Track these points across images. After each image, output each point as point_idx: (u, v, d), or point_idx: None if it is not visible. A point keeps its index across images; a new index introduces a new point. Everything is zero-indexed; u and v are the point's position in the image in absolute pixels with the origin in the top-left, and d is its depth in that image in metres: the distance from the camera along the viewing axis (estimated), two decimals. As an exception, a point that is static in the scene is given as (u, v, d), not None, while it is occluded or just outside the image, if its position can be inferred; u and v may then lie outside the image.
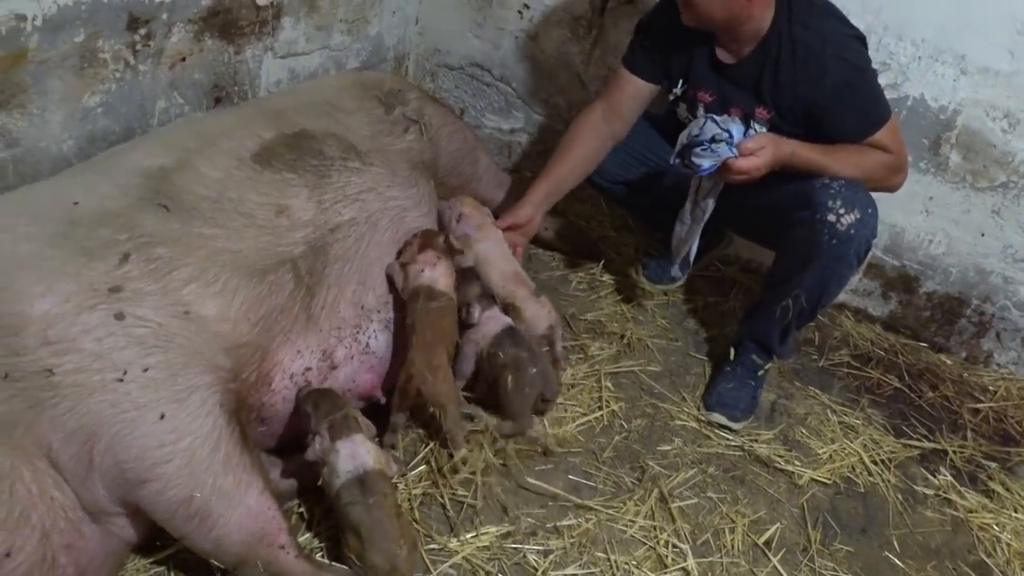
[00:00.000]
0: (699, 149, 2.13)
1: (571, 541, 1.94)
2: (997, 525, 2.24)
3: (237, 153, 1.97)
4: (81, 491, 1.53)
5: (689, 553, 1.97)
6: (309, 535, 1.86)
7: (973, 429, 2.58)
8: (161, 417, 1.54)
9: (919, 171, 2.74)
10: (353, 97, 2.39)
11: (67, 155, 2.13)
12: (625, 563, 1.92)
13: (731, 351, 2.51)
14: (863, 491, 2.27)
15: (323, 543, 1.85)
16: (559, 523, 1.99)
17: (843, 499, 2.24)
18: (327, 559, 1.80)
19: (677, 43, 2.39)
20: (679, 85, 2.47)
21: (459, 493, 2.00)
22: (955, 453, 2.46)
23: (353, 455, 1.77)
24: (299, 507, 1.92)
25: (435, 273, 2.12)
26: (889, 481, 2.31)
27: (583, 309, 2.75)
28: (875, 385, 2.69)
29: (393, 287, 2.15)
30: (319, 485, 1.79)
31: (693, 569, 1.93)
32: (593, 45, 3.18)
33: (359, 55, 3.13)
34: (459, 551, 1.86)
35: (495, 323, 2.18)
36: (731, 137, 2.12)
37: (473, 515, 1.97)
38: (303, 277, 1.94)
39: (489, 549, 1.89)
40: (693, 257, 2.43)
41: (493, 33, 3.32)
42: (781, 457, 2.31)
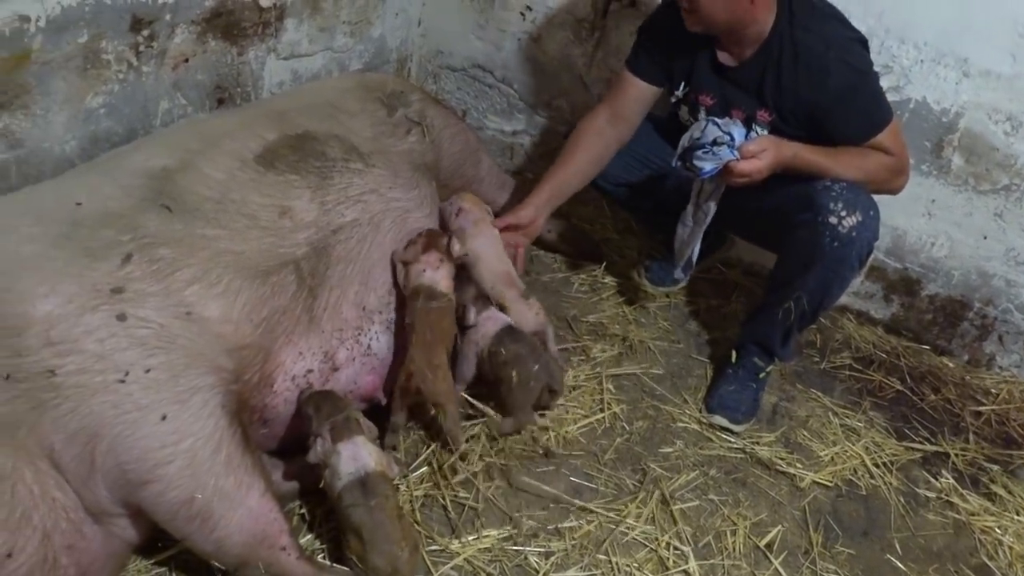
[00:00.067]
0: (701, 152, 2.13)
1: (572, 543, 1.94)
2: (999, 528, 2.24)
3: (240, 154, 1.97)
4: (83, 492, 1.54)
5: (690, 555, 1.97)
6: (310, 536, 1.86)
7: (975, 432, 2.58)
8: (163, 418, 1.55)
9: (921, 174, 2.74)
10: (356, 99, 2.40)
11: (70, 156, 2.13)
12: (626, 565, 1.92)
13: (733, 353, 2.51)
14: (865, 494, 2.27)
15: (324, 545, 1.85)
16: (560, 525, 1.99)
17: (845, 502, 2.24)
18: (328, 561, 1.80)
19: (679, 46, 2.39)
20: (681, 88, 2.47)
21: (461, 495, 2.00)
22: (957, 456, 2.46)
23: (355, 457, 1.77)
24: (300, 508, 1.92)
25: (437, 275, 2.13)
26: (891, 484, 2.31)
27: (585, 311, 2.75)
28: (877, 388, 2.69)
29: (396, 283, 2.15)
30: (321, 487, 1.79)
31: (694, 571, 1.93)
32: (595, 47, 3.18)
33: (362, 57, 3.13)
34: (460, 553, 1.86)
35: (493, 323, 2.18)
36: (732, 140, 2.11)
37: (474, 517, 1.97)
38: (306, 278, 1.94)
39: (490, 551, 1.89)
40: (695, 259, 2.43)
41: (495, 35, 3.32)
42: (783, 459, 2.30)
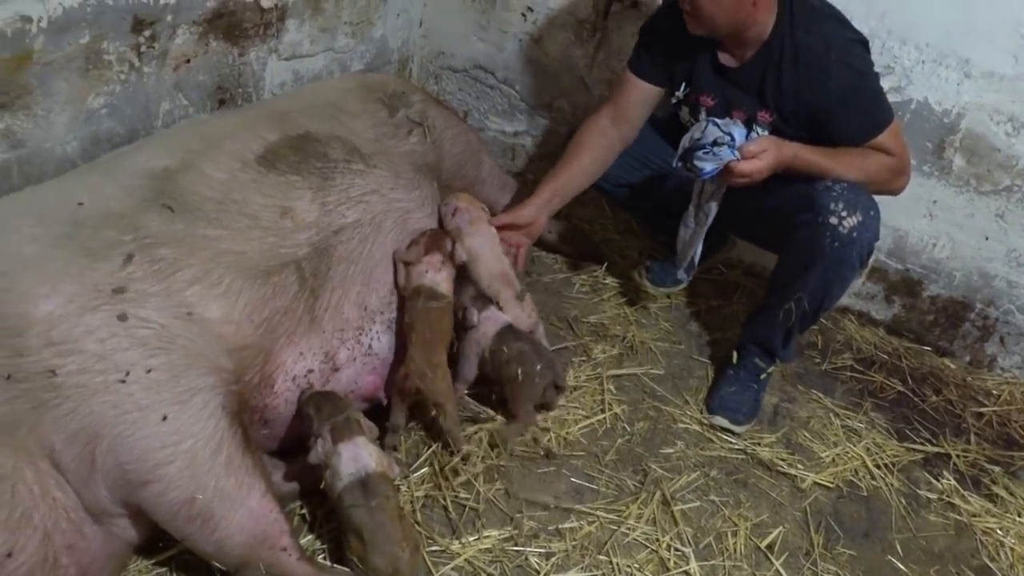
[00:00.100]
0: (701, 152, 2.13)
1: (573, 544, 1.94)
2: (1000, 529, 2.24)
3: (241, 155, 1.98)
4: (83, 492, 1.54)
5: (691, 556, 1.96)
6: (311, 537, 1.86)
7: (976, 433, 2.57)
8: (163, 419, 1.55)
9: (923, 175, 2.73)
10: (357, 99, 2.40)
11: (72, 156, 2.14)
12: (627, 566, 1.91)
13: (734, 354, 2.51)
14: (866, 495, 2.27)
15: (325, 545, 1.85)
16: (561, 526, 1.99)
17: (846, 503, 2.24)
18: (329, 561, 1.80)
19: (679, 47, 2.39)
20: (681, 89, 2.46)
21: (461, 496, 2.00)
22: (958, 457, 2.45)
23: (355, 458, 1.77)
24: (301, 509, 1.92)
25: (439, 276, 2.14)
26: (892, 485, 2.31)
27: (586, 312, 2.75)
28: (878, 389, 2.68)
29: (397, 283, 2.16)
30: (321, 487, 1.79)
31: (695, 572, 1.93)
32: (597, 48, 3.18)
33: (363, 57, 3.13)
34: (461, 553, 1.86)
35: (494, 322, 2.19)
36: (733, 140, 2.11)
37: (475, 517, 1.97)
38: (307, 279, 1.94)
39: (491, 551, 1.89)
40: (698, 260, 2.43)
41: (497, 36, 3.33)
42: (784, 460, 2.30)
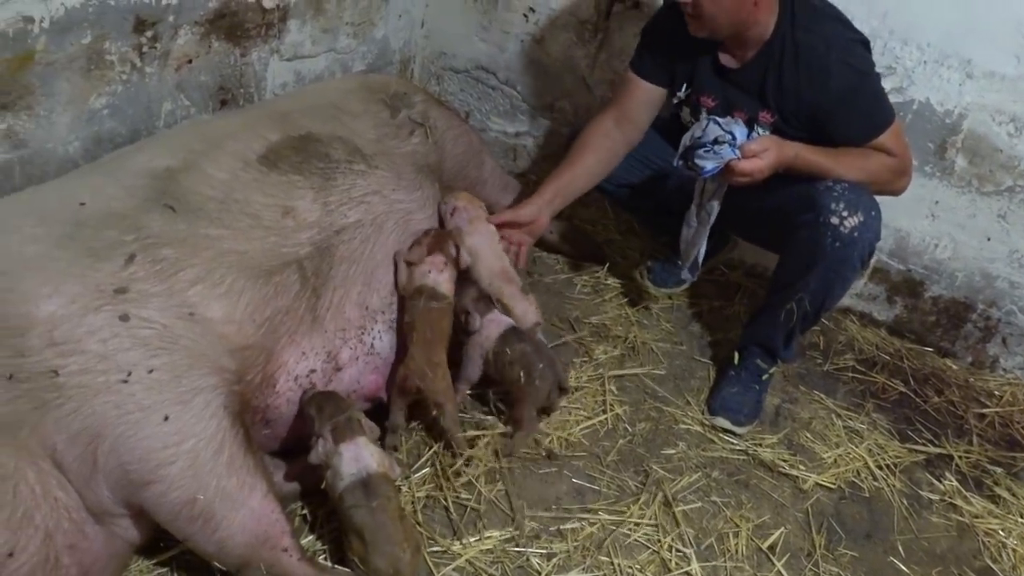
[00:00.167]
0: (702, 151, 2.12)
1: (574, 545, 1.94)
2: (1003, 530, 2.23)
3: (243, 155, 1.98)
4: (85, 492, 1.54)
5: (693, 557, 1.96)
6: (312, 537, 1.86)
7: (979, 434, 2.57)
8: (165, 419, 1.55)
9: (925, 175, 2.73)
10: (359, 100, 2.40)
11: (73, 156, 2.14)
12: (628, 567, 1.91)
13: (735, 355, 2.50)
14: (868, 496, 2.27)
15: (326, 546, 1.85)
16: (562, 527, 1.99)
17: (848, 504, 2.24)
18: (330, 562, 1.80)
19: (680, 47, 2.38)
20: (683, 89, 2.46)
21: (462, 496, 2.00)
22: (961, 458, 2.45)
23: (357, 458, 1.77)
24: (302, 509, 1.92)
25: (441, 277, 2.14)
26: (894, 486, 2.30)
27: (587, 312, 2.74)
28: (880, 390, 2.68)
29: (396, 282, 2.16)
30: (322, 488, 1.79)
31: (697, 573, 1.93)
32: (598, 49, 3.18)
33: (365, 58, 3.14)
34: (462, 554, 1.86)
35: (497, 325, 2.18)
36: (734, 139, 2.11)
37: (476, 518, 1.97)
38: (309, 278, 1.94)
39: (492, 552, 1.89)
40: (702, 260, 2.42)
41: (499, 36, 3.33)
42: (785, 462, 2.30)
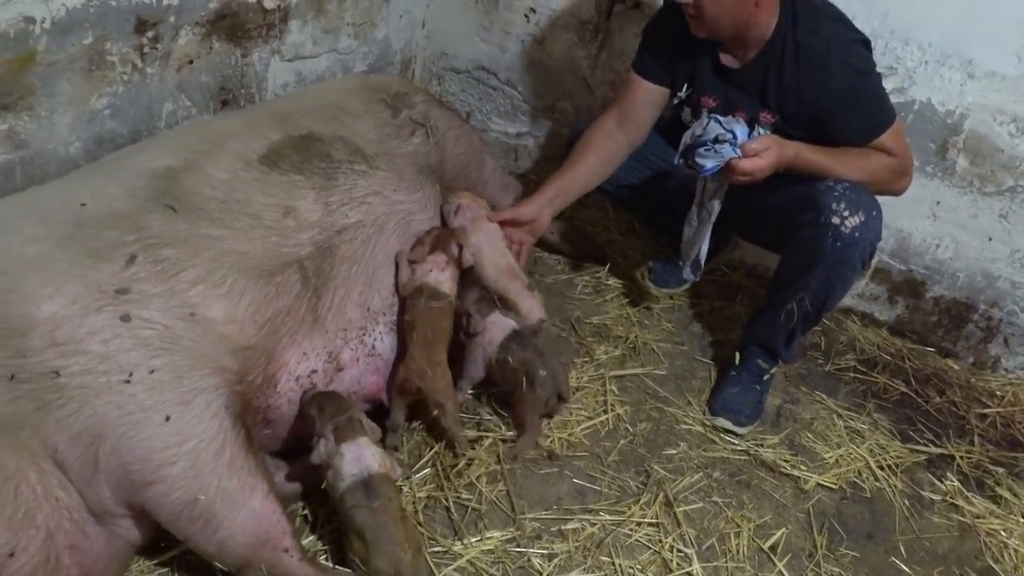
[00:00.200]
0: (702, 149, 2.12)
1: (576, 545, 1.94)
2: (1004, 531, 2.23)
3: (244, 155, 1.98)
4: (86, 492, 1.54)
5: (694, 558, 1.96)
6: (313, 538, 1.86)
7: (980, 434, 2.57)
8: (166, 419, 1.55)
9: (926, 175, 2.73)
10: (360, 100, 2.40)
11: (75, 157, 2.14)
12: (630, 567, 1.91)
13: (736, 355, 2.50)
14: (869, 496, 2.26)
15: (327, 546, 1.85)
16: (564, 527, 1.99)
17: (849, 504, 2.23)
18: (331, 562, 1.80)
19: (681, 48, 2.38)
20: (684, 89, 2.46)
21: (463, 496, 2.00)
22: (962, 458, 2.45)
23: (358, 458, 1.77)
24: (303, 509, 1.92)
25: (442, 276, 2.14)
26: (896, 486, 2.30)
27: (588, 313, 2.74)
28: (881, 390, 2.68)
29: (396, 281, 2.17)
30: (323, 488, 1.79)
31: (698, 574, 1.93)
32: (599, 49, 3.18)
33: (366, 58, 3.14)
34: (463, 555, 1.86)
35: (500, 329, 2.18)
36: (735, 138, 2.11)
37: (477, 519, 1.97)
38: (310, 278, 1.94)
39: (493, 553, 1.89)
40: (704, 259, 2.42)
41: (499, 37, 3.33)
42: (787, 462, 2.30)
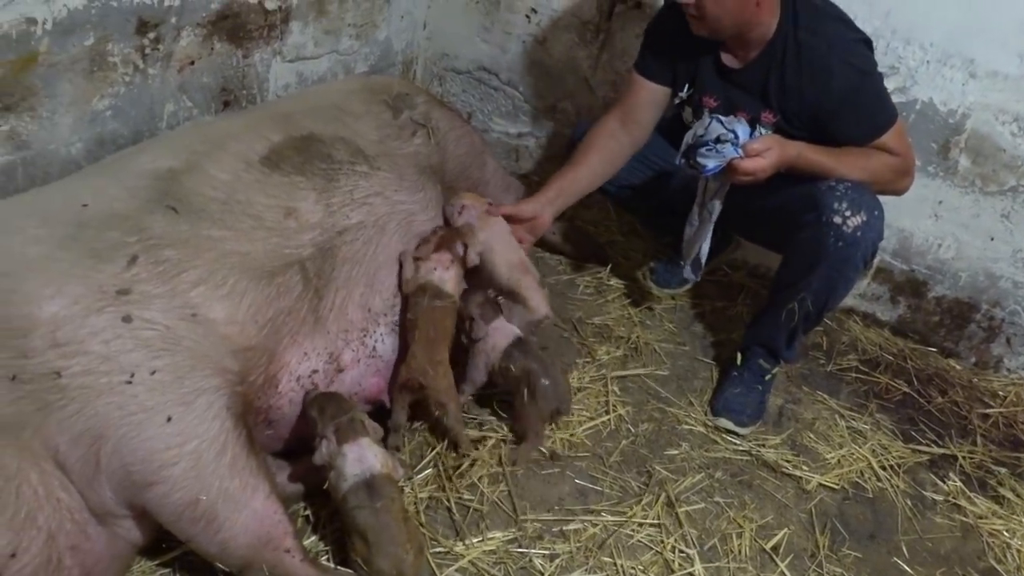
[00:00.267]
0: (704, 149, 2.12)
1: (577, 546, 1.94)
2: (1007, 531, 2.23)
3: (245, 156, 1.97)
4: (88, 493, 1.54)
5: (696, 558, 1.96)
6: (315, 538, 1.86)
7: (983, 435, 2.56)
8: (168, 420, 1.55)
9: (928, 175, 2.73)
10: (361, 101, 2.40)
11: (76, 158, 2.14)
12: (631, 568, 1.91)
13: (738, 356, 2.50)
14: (872, 496, 2.26)
15: (329, 546, 1.84)
16: (565, 528, 1.99)
17: (851, 504, 2.23)
18: (333, 563, 1.80)
19: (683, 48, 2.38)
20: (685, 89, 2.46)
21: (465, 497, 2.00)
22: (965, 459, 2.45)
23: (360, 459, 1.77)
24: (305, 510, 1.92)
25: (446, 275, 2.14)
26: (898, 487, 2.30)
27: (590, 313, 2.74)
28: (884, 390, 2.68)
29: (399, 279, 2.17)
30: (326, 488, 1.79)
31: (700, 574, 1.92)
32: (601, 49, 3.18)
33: (367, 59, 3.14)
34: (465, 555, 1.86)
35: (503, 335, 2.17)
36: (736, 138, 2.11)
37: (479, 519, 1.97)
38: (311, 279, 1.94)
39: (495, 553, 1.89)
40: (704, 259, 2.42)
41: (501, 37, 3.33)
42: (789, 462, 2.30)
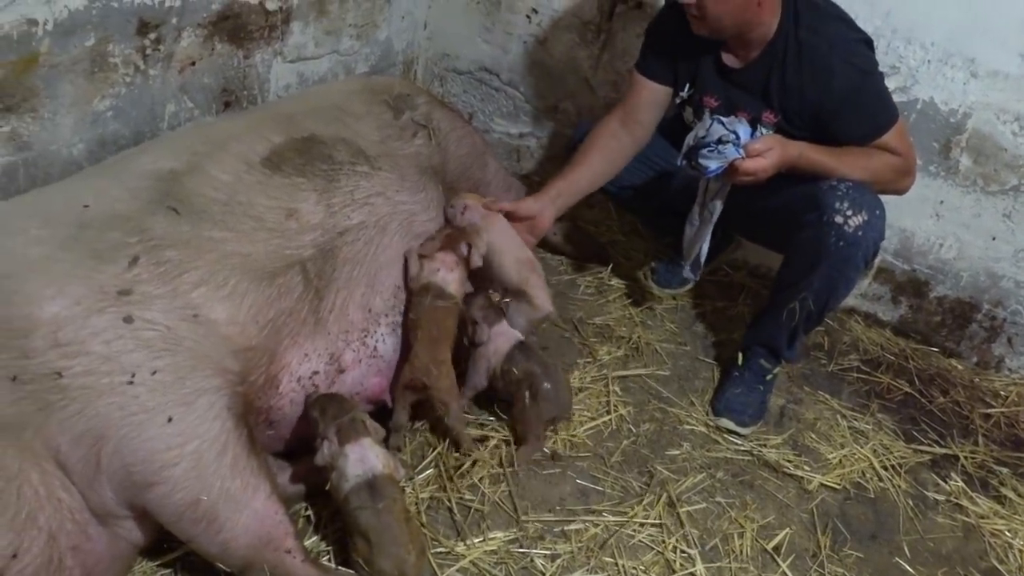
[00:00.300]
0: (706, 150, 2.12)
1: (579, 546, 1.94)
2: (1009, 531, 2.23)
3: (247, 157, 1.98)
4: (89, 493, 1.54)
5: (697, 558, 1.96)
6: (316, 538, 1.86)
7: (984, 434, 2.56)
8: (169, 420, 1.55)
9: (929, 175, 2.73)
10: (362, 102, 2.40)
11: (77, 159, 2.14)
12: (633, 568, 1.91)
13: (739, 356, 2.50)
14: (873, 497, 2.26)
15: (330, 546, 1.84)
16: (567, 528, 1.99)
17: (853, 505, 2.23)
18: (334, 563, 1.80)
19: (684, 47, 2.39)
20: (685, 89, 2.46)
21: (466, 497, 2.00)
22: (966, 459, 2.44)
23: (362, 459, 1.76)
24: (306, 510, 1.92)
25: (450, 276, 2.14)
26: (899, 487, 2.30)
27: (591, 313, 2.74)
28: (885, 390, 2.67)
29: (402, 286, 2.16)
30: (327, 489, 1.79)
31: (702, 574, 1.92)
32: (601, 49, 3.18)
33: (368, 59, 3.14)
34: (466, 555, 1.86)
35: (505, 339, 2.17)
36: (738, 138, 2.11)
37: (480, 519, 1.97)
38: (312, 280, 1.94)
39: (496, 553, 1.89)
40: (704, 259, 2.42)
41: (502, 37, 3.33)
42: (790, 462, 2.29)
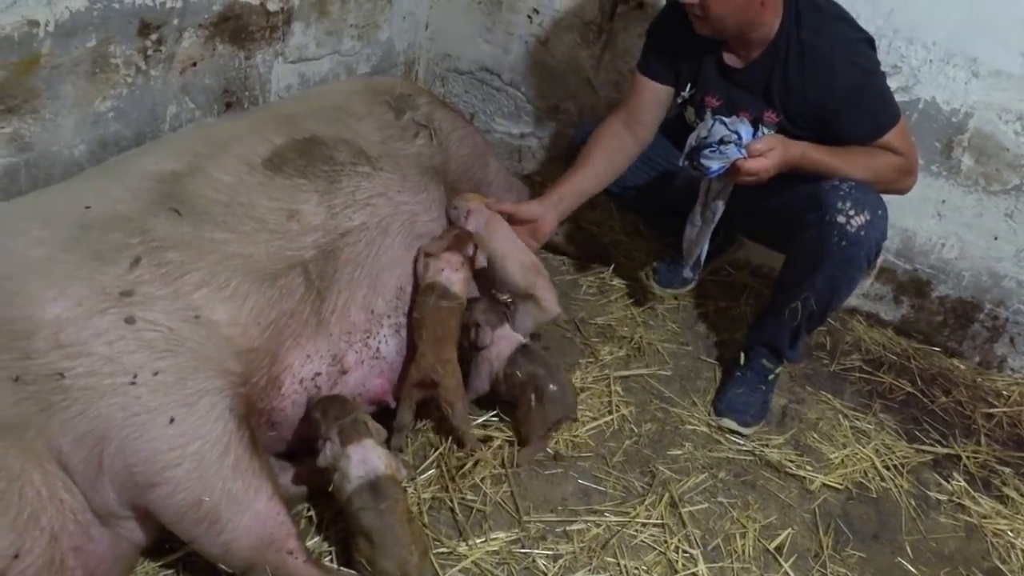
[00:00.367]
0: (708, 151, 2.12)
1: (581, 546, 1.94)
2: (1011, 531, 2.22)
3: (248, 158, 1.98)
4: (91, 494, 1.54)
5: (700, 558, 1.96)
6: (318, 539, 1.86)
7: (987, 434, 2.56)
8: (171, 421, 1.55)
9: (931, 174, 2.72)
10: (363, 102, 2.40)
11: (79, 160, 2.14)
12: (635, 568, 1.91)
13: (741, 356, 2.50)
14: (875, 497, 2.26)
15: (332, 547, 1.85)
16: (569, 528, 1.98)
17: (855, 505, 2.23)
18: (336, 563, 1.80)
19: (685, 47, 2.38)
20: (687, 89, 2.46)
21: (468, 498, 2.00)
22: (969, 458, 2.44)
23: (364, 460, 1.76)
24: (308, 511, 1.92)
25: (454, 276, 2.14)
26: (902, 487, 2.30)
27: (593, 313, 2.74)
28: (887, 390, 2.67)
29: (403, 287, 2.16)
30: (329, 490, 1.79)
31: (704, 574, 1.92)
32: (603, 49, 3.18)
33: (369, 60, 3.14)
34: (468, 555, 1.86)
35: (507, 343, 2.17)
36: (740, 139, 2.11)
37: (482, 519, 1.97)
38: (314, 281, 1.95)
39: (498, 554, 1.89)
40: (704, 259, 2.42)
41: (503, 38, 3.33)
42: (792, 462, 2.29)
